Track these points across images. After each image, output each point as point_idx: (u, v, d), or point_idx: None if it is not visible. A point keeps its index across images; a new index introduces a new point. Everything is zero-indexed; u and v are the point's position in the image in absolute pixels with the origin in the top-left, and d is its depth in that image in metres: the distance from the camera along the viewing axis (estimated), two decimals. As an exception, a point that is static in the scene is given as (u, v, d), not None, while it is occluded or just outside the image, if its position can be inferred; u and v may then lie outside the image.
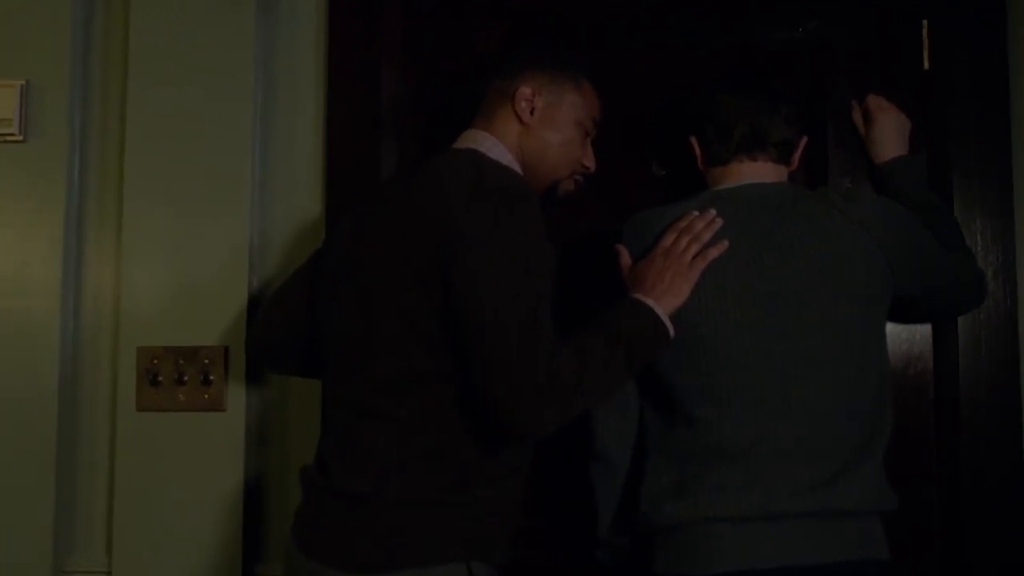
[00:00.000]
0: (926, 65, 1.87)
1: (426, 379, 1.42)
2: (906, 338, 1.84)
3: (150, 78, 1.93)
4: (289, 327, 1.66)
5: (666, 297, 1.48)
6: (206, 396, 1.86)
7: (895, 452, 1.56)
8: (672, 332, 1.47)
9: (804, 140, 1.67)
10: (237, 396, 1.87)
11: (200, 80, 1.91)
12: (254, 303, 1.89)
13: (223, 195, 1.90)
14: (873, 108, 1.80)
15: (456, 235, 1.37)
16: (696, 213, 1.55)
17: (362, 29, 1.94)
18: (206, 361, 1.86)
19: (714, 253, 1.51)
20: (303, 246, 1.90)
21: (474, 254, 1.37)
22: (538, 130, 1.60)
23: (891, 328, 1.77)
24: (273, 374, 1.89)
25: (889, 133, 1.79)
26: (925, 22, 1.87)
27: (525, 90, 1.60)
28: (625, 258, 1.58)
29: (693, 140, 1.68)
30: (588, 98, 1.65)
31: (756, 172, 1.60)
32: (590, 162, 1.69)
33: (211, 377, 1.86)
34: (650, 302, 1.47)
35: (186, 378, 1.86)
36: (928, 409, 1.84)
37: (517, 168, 1.58)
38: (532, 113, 1.59)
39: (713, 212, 1.54)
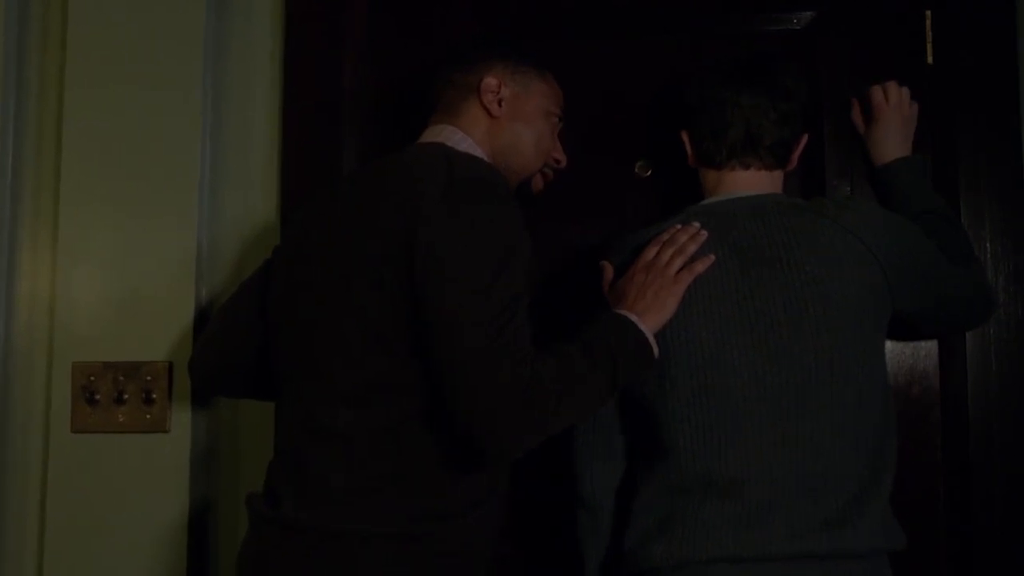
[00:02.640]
0: (929, 59, 1.80)
1: (388, 392, 1.32)
2: (910, 354, 1.77)
3: (89, 72, 1.83)
4: (236, 346, 1.57)
5: (650, 313, 1.41)
6: (148, 416, 1.77)
7: (897, 479, 1.48)
8: (656, 351, 1.40)
9: (804, 138, 1.60)
10: (182, 416, 1.77)
11: (144, 74, 1.82)
12: (202, 315, 1.80)
13: (169, 197, 1.80)
14: (876, 103, 1.72)
15: (423, 231, 1.28)
16: (680, 226, 1.49)
17: (323, 17, 1.85)
18: (148, 378, 1.77)
19: (700, 267, 1.44)
20: (256, 252, 1.81)
21: (443, 251, 1.28)
22: (508, 123, 1.55)
23: (893, 343, 1.72)
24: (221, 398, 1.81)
25: (892, 132, 1.71)
26: (928, 13, 1.80)
27: (491, 81, 1.54)
28: (609, 274, 1.52)
29: (684, 135, 1.61)
30: (554, 87, 1.61)
31: (748, 183, 1.54)
32: (560, 155, 1.64)
33: (154, 395, 1.76)
34: (633, 317, 1.40)
35: (126, 396, 1.77)
36: (934, 432, 1.76)
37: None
38: (500, 105, 1.54)
39: (697, 224, 1.48)
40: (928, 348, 1.77)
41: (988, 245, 1.73)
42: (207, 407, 1.82)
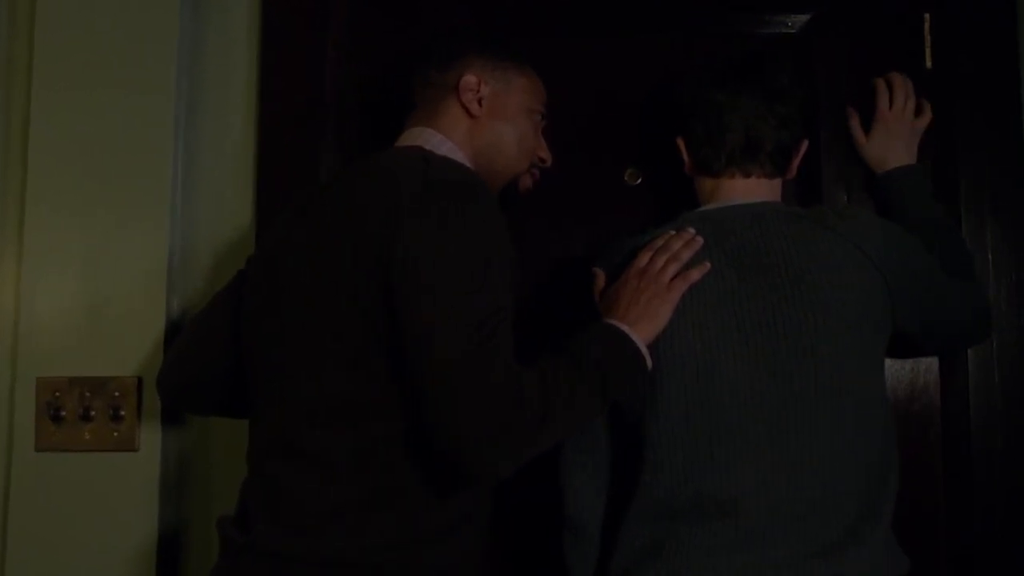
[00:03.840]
0: (928, 63, 1.77)
1: (364, 411, 1.27)
2: (909, 368, 1.73)
3: (58, 73, 1.77)
4: (207, 361, 1.51)
5: (642, 322, 1.36)
6: (116, 434, 1.71)
7: (898, 498, 1.42)
8: (650, 362, 1.35)
9: (805, 144, 1.55)
10: (152, 434, 1.72)
11: (116, 75, 1.76)
12: (173, 327, 1.74)
13: (139, 204, 1.74)
14: (879, 109, 1.69)
15: (399, 240, 1.23)
16: (674, 232, 1.44)
17: (302, 16, 1.80)
18: (116, 394, 1.72)
19: (696, 275, 1.40)
20: (232, 261, 1.77)
21: (419, 260, 1.22)
22: (489, 122, 1.49)
23: (892, 358, 1.67)
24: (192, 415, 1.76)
25: (895, 139, 1.68)
26: (927, 16, 1.77)
27: (470, 79, 1.48)
28: (600, 281, 1.47)
29: (680, 142, 1.56)
30: (535, 83, 1.56)
31: (747, 191, 1.50)
32: (545, 153, 1.59)
33: (122, 412, 1.71)
34: (625, 327, 1.35)
35: (93, 413, 1.71)
36: (935, 449, 1.72)
37: (469, 166, 1.45)
38: (480, 104, 1.49)
39: (692, 231, 1.43)
40: (928, 362, 1.73)
41: (990, 255, 1.70)
42: (178, 425, 1.77)
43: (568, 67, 1.77)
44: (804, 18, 1.78)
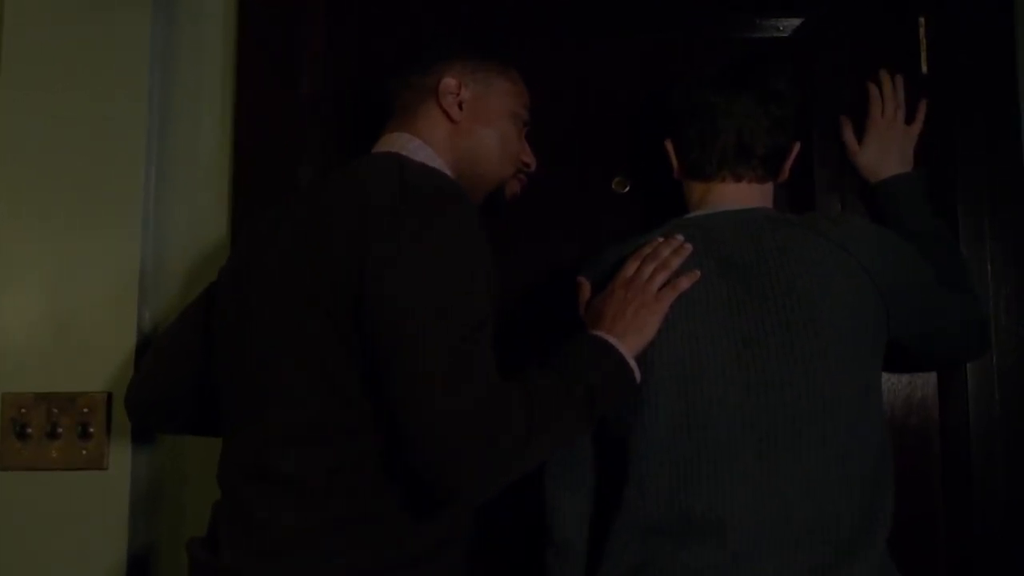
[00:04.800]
0: (924, 68, 1.74)
1: (338, 432, 1.22)
2: (907, 381, 1.70)
3: (25, 75, 1.73)
4: (176, 379, 1.48)
5: (630, 334, 1.32)
6: (84, 452, 1.67)
7: (894, 517, 1.38)
8: (638, 376, 1.31)
9: (797, 147, 1.52)
10: (122, 452, 1.67)
11: (85, 79, 1.72)
12: (145, 341, 1.70)
13: (110, 212, 1.69)
14: (871, 117, 1.67)
15: (372, 252, 1.18)
16: (662, 239, 1.41)
17: (278, 19, 1.76)
18: (85, 410, 1.67)
19: (685, 283, 1.36)
20: (206, 272, 1.72)
21: (394, 273, 1.17)
22: (470, 126, 1.45)
23: (888, 371, 1.62)
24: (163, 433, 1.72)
25: (888, 147, 1.65)
26: (922, 19, 1.75)
27: (450, 82, 1.45)
28: (585, 292, 1.44)
29: (669, 145, 1.53)
30: (518, 85, 1.52)
31: (738, 196, 1.46)
32: (529, 158, 1.55)
33: (91, 429, 1.66)
34: (612, 340, 1.30)
35: (60, 430, 1.67)
36: (934, 464, 1.69)
37: (448, 173, 1.40)
38: (461, 108, 1.45)
39: (680, 237, 1.40)
40: (926, 375, 1.70)
41: (989, 265, 1.67)
42: (149, 442, 1.72)
43: (553, 71, 1.75)
44: (796, 22, 1.76)
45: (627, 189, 1.75)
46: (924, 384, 1.69)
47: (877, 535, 1.32)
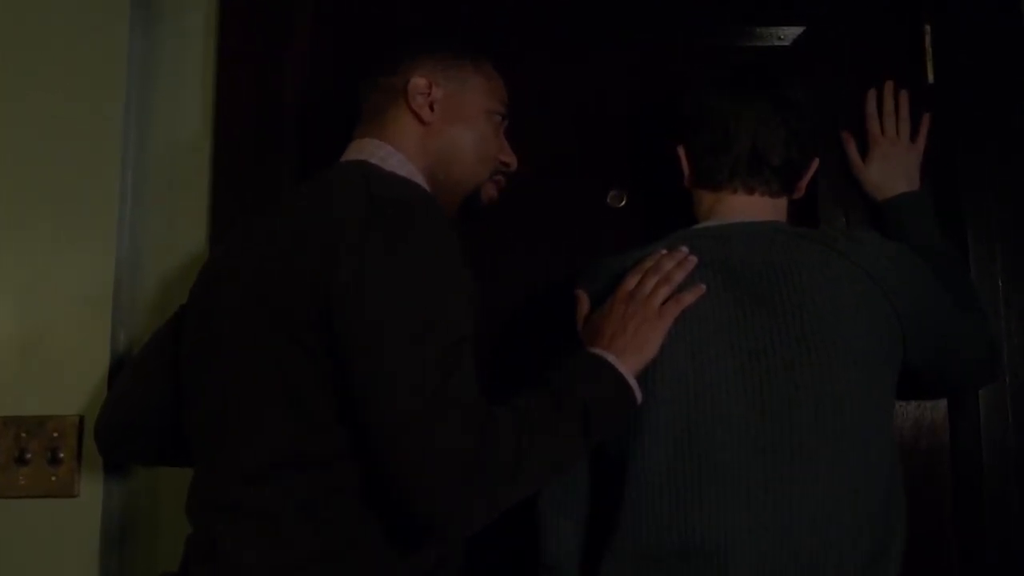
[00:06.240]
0: (930, 78, 1.71)
1: (311, 463, 1.17)
2: (915, 404, 1.66)
3: None
4: (147, 408, 1.43)
5: (630, 351, 1.27)
6: (54, 479, 1.63)
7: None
8: (639, 396, 1.26)
9: (815, 163, 1.48)
10: (93, 479, 1.63)
11: (58, 83, 1.69)
12: (118, 362, 1.65)
13: (84, 223, 1.66)
14: (871, 136, 1.65)
15: (340, 271, 1.14)
16: (666, 251, 1.37)
17: (261, 23, 1.73)
18: (55, 435, 1.63)
19: (689, 298, 1.32)
20: (183, 290, 1.63)
21: (364, 294, 1.13)
22: (444, 127, 1.40)
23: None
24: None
25: (892, 166, 1.62)
26: (928, 27, 1.71)
27: (419, 81, 1.39)
28: (584, 307, 1.39)
29: (681, 151, 1.48)
30: (494, 81, 1.46)
31: (749, 208, 1.43)
32: (509, 157, 1.49)
33: (61, 455, 1.62)
34: (611, 358, 1.26)
35: (29, 456, 1.63)
36: (944, 492, 1.64)
37: (421, 180, 1.36)
38: (432, 108, 1.40)
39: (685, 250, 1.36)
40: None
41: (1000, 283, 1.63)
42: (123, 470, 1.68)
43: (549, 80, 1.72)
44: (798, 30, 1.73)
45: (623, 203, 1.72)
46: (933, 407, 1.65)
47: (889, 565, 1.28)
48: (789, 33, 1.72)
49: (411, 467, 1.07)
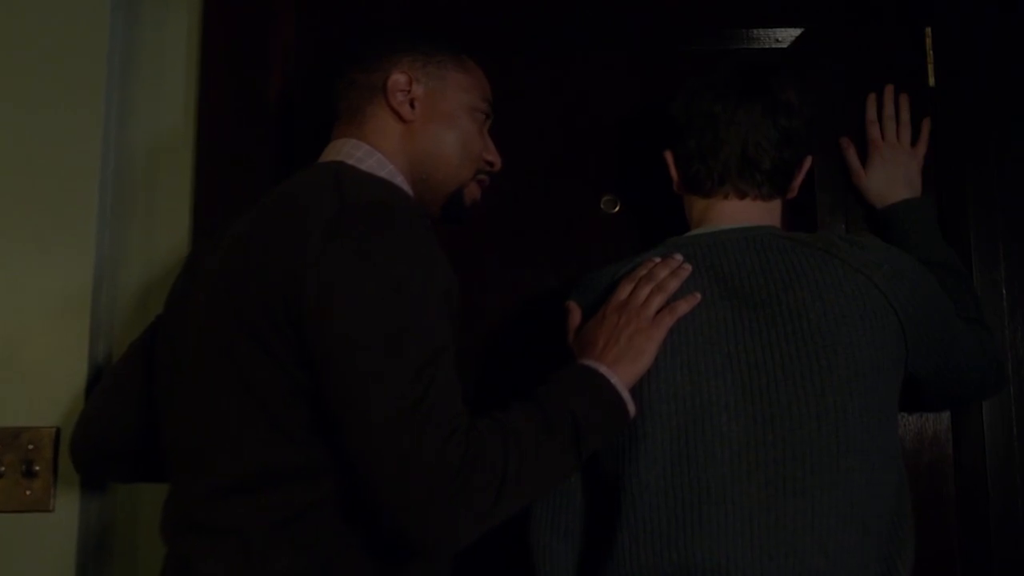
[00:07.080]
0: (932, 81, 1.68)
1: (285, 479, 1.14)
2: (918, 416, 1.63)
3: None
4: (123, 425, 1.39)
5: (623, 363, 1.24)
6: (28, 493, 1.59)
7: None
8: (632, 409, 1.22)
9: (808, 162, 1.44)
10: (70, 493, 1.59)
11: (34, 84, 1.66)
12: (97, 372, 1.62)
13: (60, 227, 1.62)
14: (871, 141, 1.62)
15: (311, 279, 1.10)
16: (659, 259, 1.34)
17: (244, 23, 1.70)
18: (30, 447, 1.59)
19: (684, 307, 1.29)
20: (164, 297, 1.59)
21: (336, 302, 1.09)
22: (425, 126, 1.36)
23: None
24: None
25: (893, 172, 1.60)
26: (929, 30, 1.69)
27: (399, 78, 1.35)
28: (575, 317, 1.36)
29: (669, 156, 1.45)
30: (476, 76, 1.42)
31: (741, 213, 1.39)
32: (493, 157, 1.44)
33: (36, 468, 1.58)
34: (603, 369, 1.22)
35: (2, 469, 1.59)
36: (948, 505, 1.61)
37: (401, 182, 1.33)
38: (413, 106, 1.35)
39: (680, 257, 1.33)
40: None
41: (1004, 291, 1.61)
42: (100, 484, 1.63)
43: (541, 85, 1.69)
44: (796, 32, 1.71)
45: (617, 209, 1.69)
46: (937, 419, 1.62)
47: None
48: (787, 35, 1.70)
49: (393, 482, 1.04)
